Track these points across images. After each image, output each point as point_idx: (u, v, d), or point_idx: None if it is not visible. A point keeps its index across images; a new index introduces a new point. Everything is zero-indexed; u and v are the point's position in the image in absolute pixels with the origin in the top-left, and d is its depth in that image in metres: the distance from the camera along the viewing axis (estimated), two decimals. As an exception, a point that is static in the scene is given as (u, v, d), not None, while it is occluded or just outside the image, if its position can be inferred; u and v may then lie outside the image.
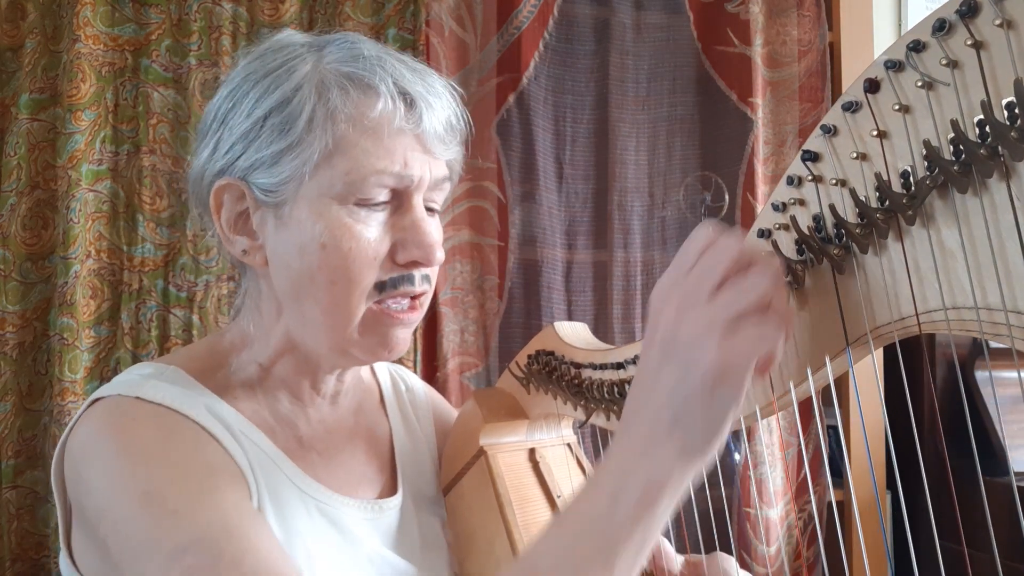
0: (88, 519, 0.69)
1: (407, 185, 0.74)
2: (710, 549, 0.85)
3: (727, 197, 1.73)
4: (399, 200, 0.75)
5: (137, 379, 0.74)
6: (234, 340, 0.81)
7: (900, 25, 1.99)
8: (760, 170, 1.72)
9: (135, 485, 0.65)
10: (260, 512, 0.71)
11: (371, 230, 0.73)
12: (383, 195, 0.73)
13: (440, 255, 0.76)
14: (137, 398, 0.70)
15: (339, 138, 0.71)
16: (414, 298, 0.77)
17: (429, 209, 0.78)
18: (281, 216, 0.74)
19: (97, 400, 0.72)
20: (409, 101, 0.73)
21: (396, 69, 0.73)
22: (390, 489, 0.86)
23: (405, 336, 0.78)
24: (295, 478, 0.76)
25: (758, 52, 1.73)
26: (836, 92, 1.75)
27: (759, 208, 1.68)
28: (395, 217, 0.75)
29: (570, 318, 1.67)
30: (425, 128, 0.73)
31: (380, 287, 0.74)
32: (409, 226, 0.74)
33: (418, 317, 0.79)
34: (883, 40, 1.84)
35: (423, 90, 0.74)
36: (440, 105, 0.75)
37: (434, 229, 0.76)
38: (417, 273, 0.76)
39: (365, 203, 0.73)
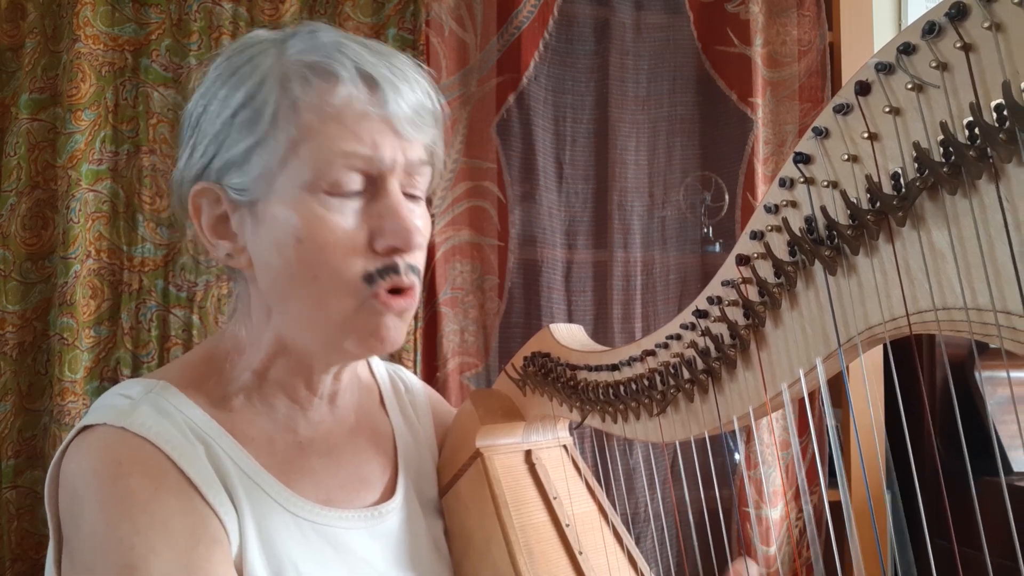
0: (74, 563, 0.68)
1: (379, 169, 0.72)
2: (708, 550, 0.85)
3: (727, 197, 1.73)
4: (374, 187, 0.73)
5: (125, 404, 0.72)
6: (229, 346, 0.80)
7: (900, 25, 1.99)
8: (760, 170, 1.72)
9: (119, 554, 0.64)
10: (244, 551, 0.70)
11: (346, 219, 0.71)
12: (356, 182, 0.71)
13: (419, 240, 0.73)
14: (123, 429, 0.69)
15: (304, 127, 0.69)
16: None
17: (411, 196, 0.76)
18: (257, 215, 0.73)
19: (86, 428, 0.71)
20: (373, 84, 0.71)
21: (357, 53, 0.72)
22: (391, 491, 0.85)
23: (398, 326, 0.75)
24: (285, 501, 0.75)
25: (758, 52, 1.72)
26: (836, 92, 1.74)
27: (759, 208, 1.68)
28: (371, 204, 0.72)
29: (570, 318, 1.67)
30: (392, 110, 0.71)
31: (369, 279, 0.72)
32: (385, 212, 0.72)
33: (410, 305, 0.75)
34: (883, 40, 1.82)
35: (388, 72, 0.72)
36: (407, 87, 0.73)
37: (413, 215, 0.74)
38: (401, 261, 0.73)
39: (337, 191, 0.70)
